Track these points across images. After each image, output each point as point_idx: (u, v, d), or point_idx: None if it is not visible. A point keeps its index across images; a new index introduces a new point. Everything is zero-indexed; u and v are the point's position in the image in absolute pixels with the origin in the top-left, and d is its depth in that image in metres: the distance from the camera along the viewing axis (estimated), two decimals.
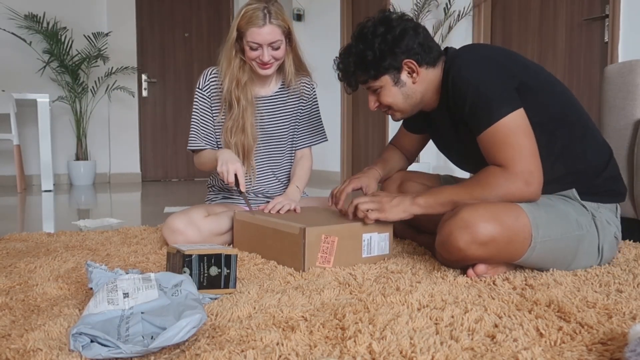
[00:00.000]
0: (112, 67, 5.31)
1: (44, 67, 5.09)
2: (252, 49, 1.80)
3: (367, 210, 1.51)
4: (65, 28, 5.13)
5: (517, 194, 1.34)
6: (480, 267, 1.36)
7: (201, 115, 1.96)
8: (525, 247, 1.32)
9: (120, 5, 5.55)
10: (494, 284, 1.31)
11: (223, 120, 1.95)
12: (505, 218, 1.30)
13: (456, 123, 1.49)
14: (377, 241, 1.59)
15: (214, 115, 1.97)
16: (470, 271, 1.37)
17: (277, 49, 1.82)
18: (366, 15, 4.76)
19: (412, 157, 1.89)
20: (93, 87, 5.29)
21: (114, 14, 5.52)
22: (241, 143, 1.91)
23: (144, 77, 5.79)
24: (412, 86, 1.49)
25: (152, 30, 5.82)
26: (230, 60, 1.86)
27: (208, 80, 1.96)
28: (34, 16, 4.95)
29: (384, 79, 1.48)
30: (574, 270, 1.42)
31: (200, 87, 1.97)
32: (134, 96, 5.62)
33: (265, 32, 1.77)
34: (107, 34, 5.27)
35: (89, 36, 5.18)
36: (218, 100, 1.96)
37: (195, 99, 1.98)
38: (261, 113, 1.97)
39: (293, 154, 2.08)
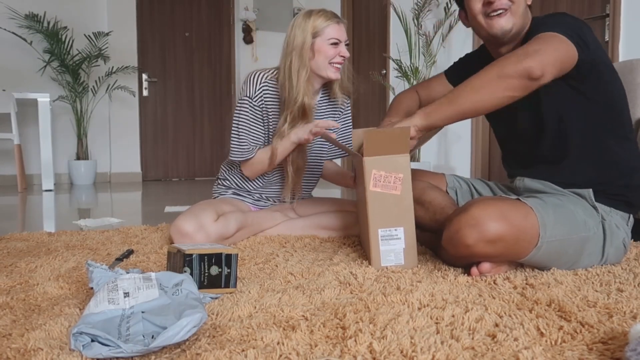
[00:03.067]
0: (113, 67, 5.31)
1: (45, 66, 5.09)
2: (333, 44, 1.82)
3: None
4: (65, 27, 5.13)
5: (514, 65, 1.28)
6: (485, 266, 1.36)
7: (253, 126, 1.90)
8: (531, 246, 1.32)
9: (120, 5, 5.55)
10: (494, 283, 1.31)
11: (275, 124, 1.92)
12: (514, 217, 1.30)
13: None
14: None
15: (269, 123, 1.92)
16: (474, 269, 1.36)
17: (347, 45, 1.87)
18: (366, 15, 4.77)
19: None
20: (93, 86, 5.30)
21: (115, 14, 5.52)
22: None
23: (144, 76, 5.79)
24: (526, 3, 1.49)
25: (152, 30, 5.82)
26: (308, 70, 1.83)
27: (259, 89, 1.88)
28: (35, 15, 4.96)
29: None
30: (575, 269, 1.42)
31: (250, 96, 1.88)
32: (134, 96, 5.62)
33: (342, 29, 1.86)
34: (107, 34, 5.27)
35: (89, 36, 5.18)
36: (275, 108, 1.91)
37: (244, 109, 1.88)
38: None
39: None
